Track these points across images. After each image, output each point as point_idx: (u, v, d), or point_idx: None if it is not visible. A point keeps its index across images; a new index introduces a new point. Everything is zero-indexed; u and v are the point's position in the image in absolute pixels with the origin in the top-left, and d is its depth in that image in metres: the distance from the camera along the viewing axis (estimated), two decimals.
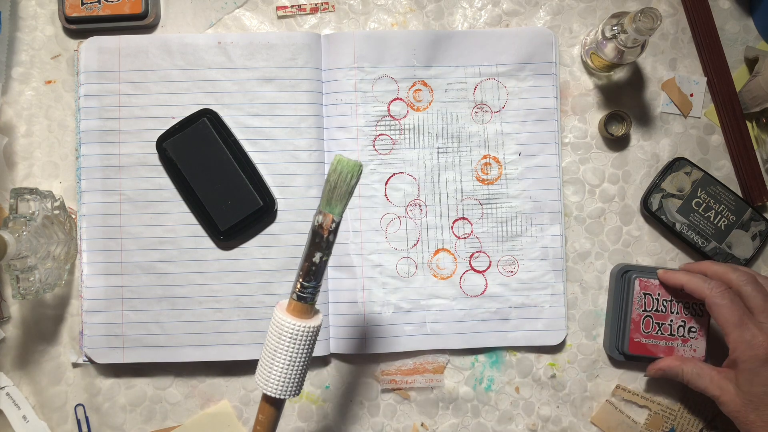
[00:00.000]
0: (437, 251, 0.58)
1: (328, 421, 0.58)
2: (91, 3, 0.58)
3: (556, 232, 0.58)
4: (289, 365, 0.43)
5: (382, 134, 0.58)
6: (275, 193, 0.57)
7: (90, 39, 0.57)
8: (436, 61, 0.58)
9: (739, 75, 0.60)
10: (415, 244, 0.58)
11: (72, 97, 0.59)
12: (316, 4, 0.60)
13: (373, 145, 0.58)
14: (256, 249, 0.57)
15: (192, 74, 0.57)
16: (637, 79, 0.60)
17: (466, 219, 0.58)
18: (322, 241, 0.43)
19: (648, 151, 0.60)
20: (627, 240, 0.59)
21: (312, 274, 0.43)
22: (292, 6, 0.60)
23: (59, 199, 0.56)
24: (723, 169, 0.60)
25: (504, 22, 0.60)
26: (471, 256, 0.58)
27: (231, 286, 0.57)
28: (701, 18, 0.59)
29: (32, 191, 0.53)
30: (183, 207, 0.57)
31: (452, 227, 0.58)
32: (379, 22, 0.60)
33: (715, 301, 0.50)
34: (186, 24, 0.60)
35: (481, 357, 0.58)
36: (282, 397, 0.43)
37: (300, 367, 0.44)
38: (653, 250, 0.59)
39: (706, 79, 0.60)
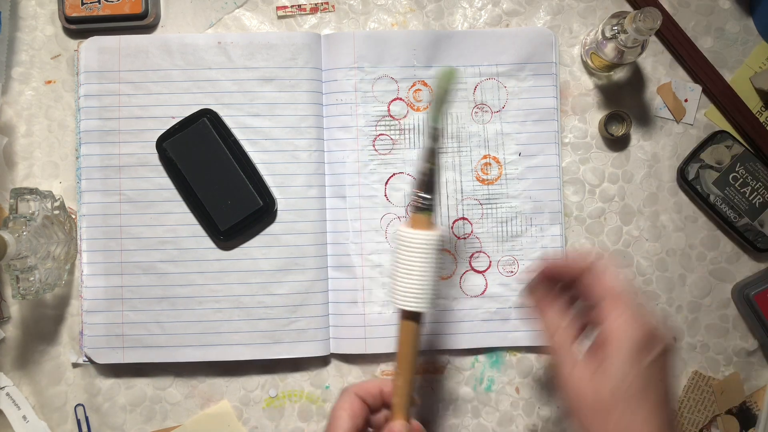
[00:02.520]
0: None
1: (328, 421, 0.58)
2: (91, 3, 0.57)
3: (556, 232, 0.58)
4: (423, 277, 0.44)
5: (382, 134, 0.58)
6: (275, 193, 0.57)
7: (90, 39, 0.57)
8: (436, 61, 0.58)
9: (739, 75, 0.60)
10: None
11: (72, 97, 0.59)
12: (316, 4, 0.60)
13: (373, 145, 0.58)
14: (256, 249, 0.57)
15: (192, 74, 0.57)
16: (637, 79, 0.60)
17: (466, 219, 0.58)
18: (427, 151, 0.44)
19: (648, 151, 0.60)
20: (627, 240, 0.59)
21: (425, 185, 0.44)
22: (292, 6, 0.60)
23: (59, 199, 0.56)
24: None
25: (504, 22, 0.60)
26: (471, 256, 0.58)
27: (231, 286, 0.57)
28: (676, 39, 0.59)
29: (32, 191, 0.53)
30: (183, 207, 0.57)
31: (452, 227, 0.58)
32: (379, 22, 0.60)
33: (598, 267, 0.43)
34: (186, 24, 0.60)
35: (481, 357, 0.58)
36: (424, 309, 0.44)
37: (434, 278, 0.44)
38: (653, 251, 0.59)
39: (701, 87, 0.60)
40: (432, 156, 0.44)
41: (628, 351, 0.38)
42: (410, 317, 0.44)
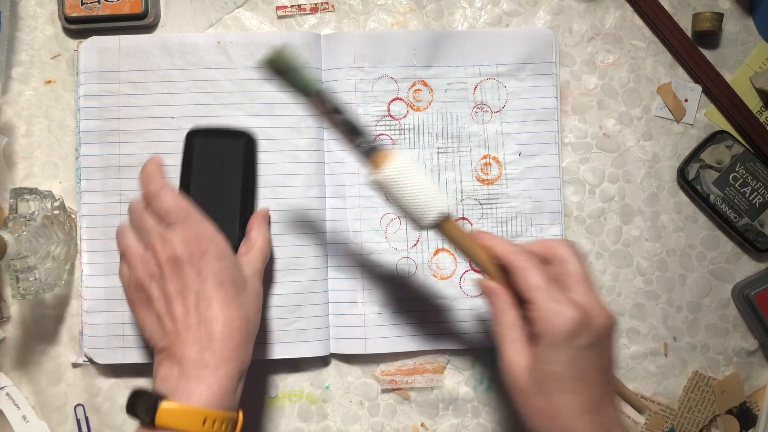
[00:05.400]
0: (437, 251, 0.58)
1: (328, 421, 0.58)
2: (90, 3, 0.58)
3: (556, 232, 0.58)
4: (430, 186, 0.44)
5: (382, 134, 0.58)
6: (275, 193, 0.57)
7: (90, 39, 0.57)
8: (436, 61, 0.58)
9: (739, 75, 0.60)
10: (415, 244, 0.58)
11: (72, 97, 0.59)
12: (316, 4, 0.60)
13: None
14: None
15: (192, 74, 0.57)
16: (637, 79, 0.60)
17: (466, 219, 0.58)
18: (330, 114, 0.45)
19: (648, 151, 0.60)
20: (627, 240, 0.59)
21: (354, 132, 0.45)
22: (292, 6, 0.60)
23: (59, 199, 0.56)
24: None
25: (504, 22, 0.60)
26: None
27: None
28: (676, 39, 0.59)
29: (32, 191, 0.53)
30: None
31: None
32: (379, 22, 0.60)
33: (519, 264, 0.44)
34: (186, 24, 0.60)
35: (481, 357, 0.58)
36: (450, 208, 0.45)
37: (433, 181, 0.45)
38: (653, 251, 0.59)
39: (701, 88, 0.60)
40: (339, 111, 0.45)
41: (554, 337, 0.40)
42: (444, 221, 0.45)
